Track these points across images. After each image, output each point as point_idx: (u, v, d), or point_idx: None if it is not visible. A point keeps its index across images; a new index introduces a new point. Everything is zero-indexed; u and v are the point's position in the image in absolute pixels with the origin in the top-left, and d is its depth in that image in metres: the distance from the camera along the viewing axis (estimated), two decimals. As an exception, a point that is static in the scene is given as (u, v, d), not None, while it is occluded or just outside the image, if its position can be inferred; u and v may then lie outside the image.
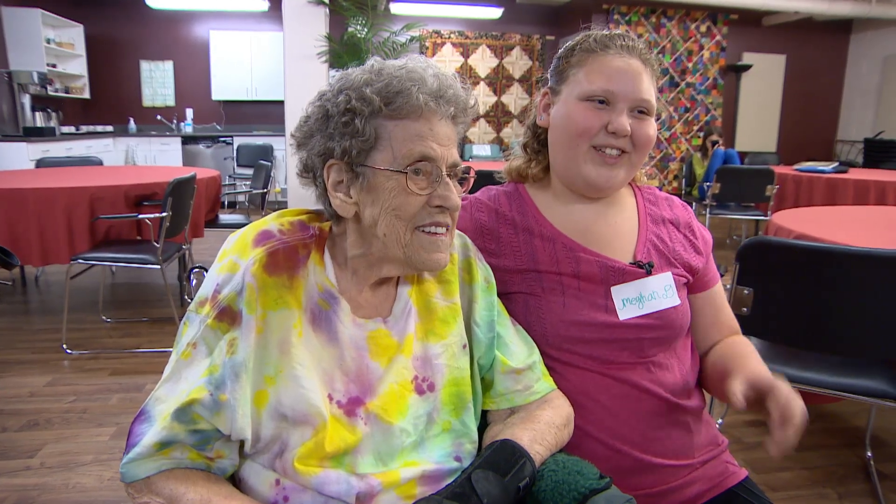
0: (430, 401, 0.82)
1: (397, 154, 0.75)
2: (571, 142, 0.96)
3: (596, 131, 0.94)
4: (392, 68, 0.77)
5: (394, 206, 0.75)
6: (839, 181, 4.35)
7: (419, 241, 0.77)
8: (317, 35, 5.43)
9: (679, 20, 7.90)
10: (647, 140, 0.95)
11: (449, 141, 0.78)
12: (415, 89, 0.75)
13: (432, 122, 0.76)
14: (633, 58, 0.95)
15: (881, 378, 1.58)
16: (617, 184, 0.98)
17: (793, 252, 1.50)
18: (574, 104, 0.96)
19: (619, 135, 0.93)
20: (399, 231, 0.76)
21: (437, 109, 0.76)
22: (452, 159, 0.78)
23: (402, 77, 0.75)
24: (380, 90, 0.75)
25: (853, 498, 1.88)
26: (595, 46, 0.96)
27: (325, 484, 0.72)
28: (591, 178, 0.96)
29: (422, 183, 0.76)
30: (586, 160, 0.96)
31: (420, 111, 0.75)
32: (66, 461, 1.99)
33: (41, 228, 3.04)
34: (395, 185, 0.75)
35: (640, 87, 0.94)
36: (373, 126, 0.75)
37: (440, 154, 0.76)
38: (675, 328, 0.98)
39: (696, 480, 0.96)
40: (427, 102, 0.75)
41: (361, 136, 0.75)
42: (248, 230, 0.79)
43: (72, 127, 7.24)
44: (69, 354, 2.92)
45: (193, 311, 0.76)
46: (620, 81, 0.93)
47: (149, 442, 0.70)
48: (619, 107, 0.94)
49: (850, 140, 8.80)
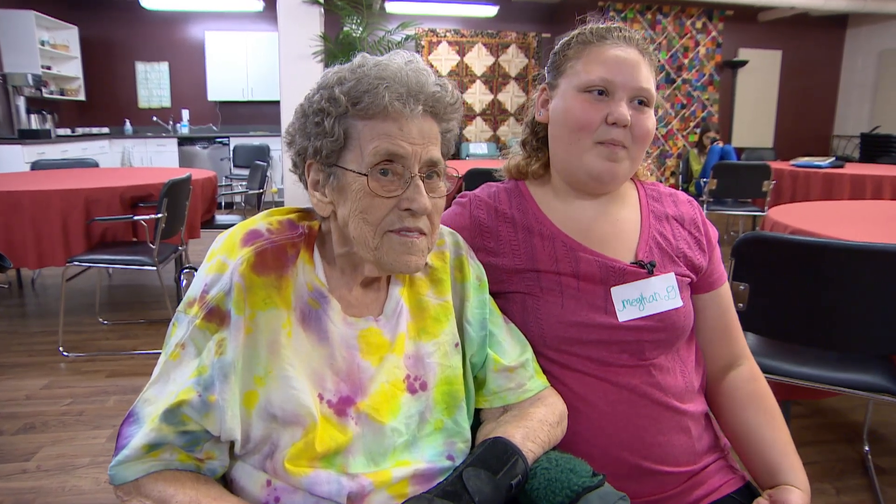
0: (423, 400, 0.81)
1: (364, 152, 0.74)
2: (572, 136, 0.94)
3: (597, 124, 0.92)
4: (368, 66, 0.76)
5: (360, 209, 0.74)
6: (835, 176, 4.35)
7: (389, 243, 0.75)
8: (312, 35, 5.43)
9: (675, 16, 7.90)
10: (645, 133, 0.93)
11: (424, 139, 0.76)
12: (382, 87, 0.73)
13: (401, 121, 0.74)
14: (631, 47, 0.94)
15: (878, 373, 1.57)
16: (620, 178, 0.96)
17: (788, 247, 1.50)
18: (573, 97, 0.94)
19: (620, 124, 0.91)
20: (367, 234, 0.75)
21: (405, 108, 0.74)
22: (428, 156, 0.76)
23: (372, 75, 0.74)
24: (349, 90, 0.74)
25: (851, 492, 1.88)
26: (592, 38, 0.95)
27: (316, 484, 0.71)
28: (595, 171, 0.94)
29: (389, 185, 0.74)
30: (590, 154, 0.93)
31: (387, 110, 0.74)
32: (63, 464, 1.99)
33: (36, 231, 3.03)
34: (361, 186, 0.74)
35: (640, 76, 0.92)
36: (343, 126, 0.75)
37: (410, 152, 0.74)
38: (676, 330, 0.95)
39: (697, 486, 0.94)
40: (393, 102, 0.73)
41: (331, 136, 0.75)
42: (236, 230, 0.78)
43: (67, 129, 7.23)
44: (66, 357, 2.91)
45: (182, 312, 0.76)
46: (619, 71, 0.92)
47: (137, 444, 0.69)
48: (619, 96, 0.92)
49: (847, 135, 8.80)
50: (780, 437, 0.95)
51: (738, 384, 1.01)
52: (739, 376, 1.02)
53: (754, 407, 0.98)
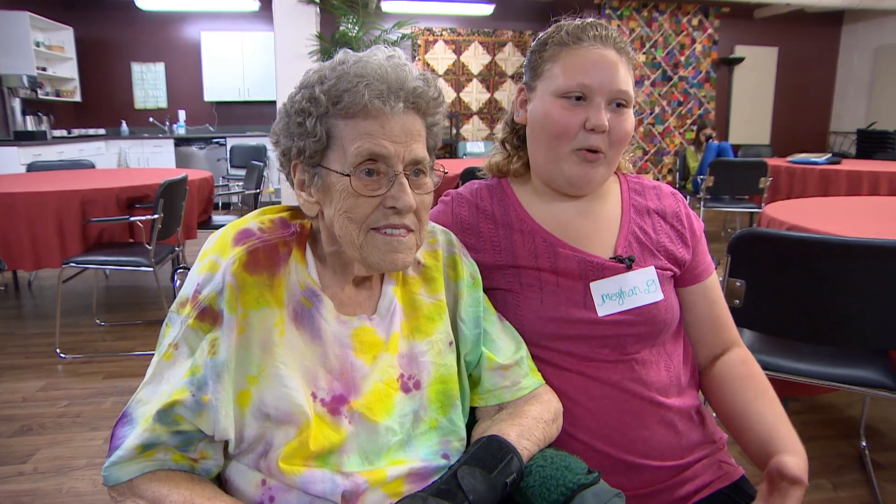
0: (417, 399, 0.81)
1: (347, 152, 0.74)
2: (551, 143, 0.94)
3: (575, 131, 0.92)
4: (349, 63, 0.75)
5: (345, 209, 0.74)
6: (832, 172, 4.35)
7: (374, 242, 0.75)
8: (308, 34, 5.42)
9: (671, 14, 7.90)
10: (623, 136, 0.93)
11: (407, 136, 0.75)
12: (362, 85, 0.72)
13: (382, 119, 0.74)
14: (608, 48, 0.93)
15: (875, 368, 1.57)
16: (597, 182, 0.96)
17: (784, 243, 1.50)
18: (550, 102, 0.94)
19: (598, 131, 0.91)
20: (352, 233, 0.75)
21: (385, 105, 0.73)
22: (412, 156, 0.76)
23: (352, 73, 0.74)
24: (329, 89, 0.73)
25: (848, 488, 1.88)
26: (568, 39, 0.94)
27: (310, 483, 0.71)
28: (573, 178, 0.95)
29: (373, 184, 0.74)
30: (568, 160, 0.94)
31: (367, 109, 0.73)
32: (60, 466, 1.98)
33: (32, 232, 3.02)
34: (344, 187, 0.74)
35: (617, 79, 0.91)
36: (325, 126, 0.74)
37: (393, 152, 0.74)
38: (658, 324, 0.95)
39: (688, 481, 0.94)
40: (373, 100, 0.73)
41: (313, 136, 0.74)
42: (227, 229, 0.78)
43: (63, 130, 7.22)
44: (63, 359, 2.91)
45: (175, 312, 0.75)
46: (596, 74, 0.91)
47: (131, 444, 0.69)
48: (597, 101, 0.91)
49: (843, 131, 8.82)
50: (771, 411, 0.92)
51: (728, 365, 0.99)
52: (730, 359, 1.00)
53: (745, 385, 0.96)
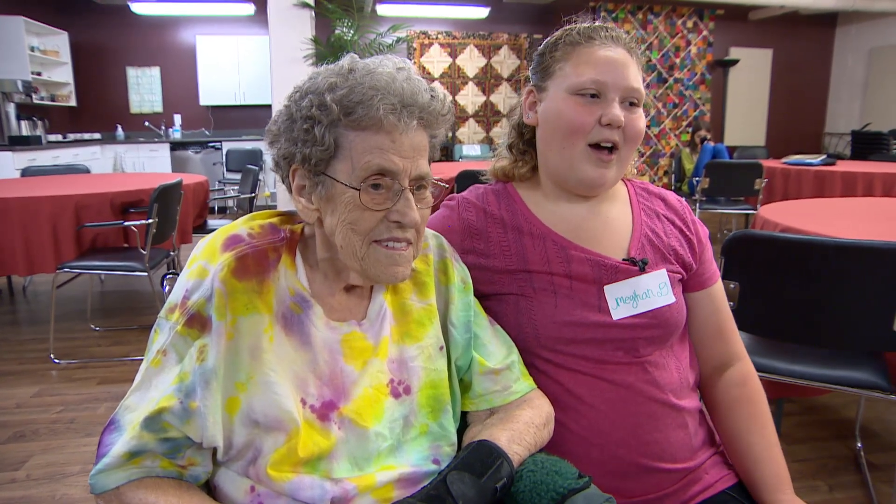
0: (407, 404, 0.81)
1: (356, 165, 0.73)
2: (566, 140, 0.94)
3: (590, 127, 0.91)
4: (360, 72, 0.74)
5: (350, 220, 0.74)
6: (827, 174, 4.36)
7: (375, 254, 0.75)
8: (303, 38, 5.41)
9: (665, 16, 7.92)
10: (637, 133, 0.94)
11: (415, 152, 0.75)
12: (377, 99, 0.72)
13: (394, 134, 0.73)
14: (619, 47, 0.93)
15: (869, 369, 1.58)
16: (610, 182, 0.96)
17: (777, 245, 1.50)
18: (564, 99, 0.93)
19: (614, 125, 0.91)
20: (355, 244, 0.74)
21: (399, 122, 0.73)
22: (417, 171, 0.76)
23: (365, 84, 0.73)
24: (341, 98, 0.72)
25: (844, 489, 1.88)
26: (579, 39, 0.94)
27: (299, 489, 0.71)
28: (588, 178, 0.94)
29: (379, 198, 0.74)
30: (582, 159, 0.93)
31: (381, 123, 0.72)
32: (53, 472, 1.97)
33: (26, 238, 3.01)
34: (351, 199, 0.73)
35: (630, 76, 0.92)
36: (333, 135, 0.73)
37: (402, 167, 0.74)
38: (670, 326, 0.95)
39: (694, 482, 0.94)
40: (387, 115, 0.72)
41: (321, 144, 0.73)
42: (216, 235, 0.77)
43: (58, 135, 7.19)
44: (57, 364, 2.89)
45: (163, 318, 0.75)
46: (610, 72, 0.91)
47: (118, 452, 0.69)
48: (611, 97, 0.91)
49: (838, 132, 8.84)
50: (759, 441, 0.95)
51: (727, 387, 1.01)
52: (730, 379, 1.01)
53: (739, 413, 0.99)
